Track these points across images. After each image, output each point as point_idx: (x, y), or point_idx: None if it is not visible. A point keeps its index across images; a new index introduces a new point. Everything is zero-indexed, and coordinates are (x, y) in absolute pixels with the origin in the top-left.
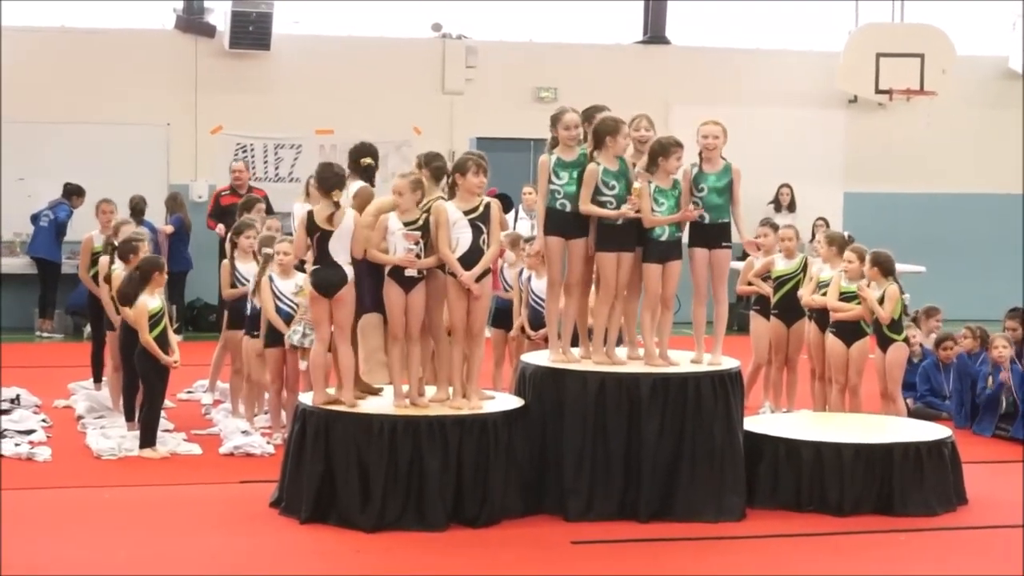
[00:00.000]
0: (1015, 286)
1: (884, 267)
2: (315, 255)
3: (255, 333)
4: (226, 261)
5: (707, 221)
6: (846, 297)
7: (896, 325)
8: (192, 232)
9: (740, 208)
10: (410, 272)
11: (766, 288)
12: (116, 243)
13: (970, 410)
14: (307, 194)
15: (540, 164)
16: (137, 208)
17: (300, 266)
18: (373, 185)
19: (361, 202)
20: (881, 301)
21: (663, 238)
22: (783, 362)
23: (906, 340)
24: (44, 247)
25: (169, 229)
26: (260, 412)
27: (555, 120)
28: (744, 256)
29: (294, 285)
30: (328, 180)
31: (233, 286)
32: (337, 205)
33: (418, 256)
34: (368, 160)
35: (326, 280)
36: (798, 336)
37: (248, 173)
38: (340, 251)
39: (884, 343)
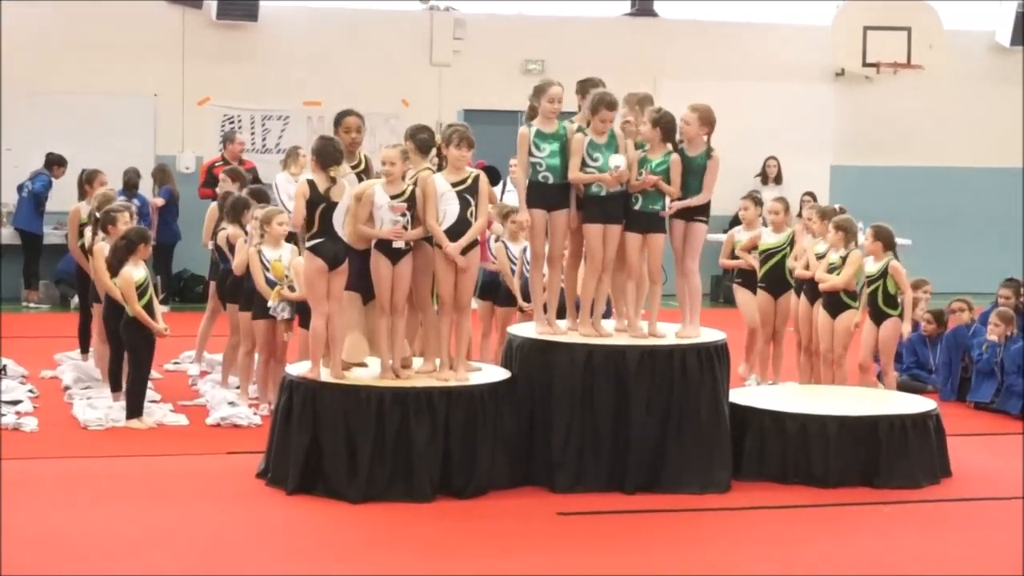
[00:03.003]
0: (1001, 259)
1: (886, 242)
2: (318, 227)
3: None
4: (241, 243)
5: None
6: (831, 269)
7: (892, 299)
8: (180, 203)
9: (703, 195)
10: (397, 244)
11: (752, 261)
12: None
13: (958, 382)
14: (284, 165)
15: (520, 136)
16: (131, 182)
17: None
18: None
19: None
20: (885, 274)
21: (637, 207)
22: (770, 335)
23: (902, 315)
24: (24, 218)
25: (160, 202)
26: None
27: (540, 91)
28: (726, 230)
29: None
30: (329, 155)
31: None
32: (334, 180)
33: (405, 228)
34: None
35: (332, 252)
36: (785, 309)
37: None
38: (339, 224)
39: (879, 317)
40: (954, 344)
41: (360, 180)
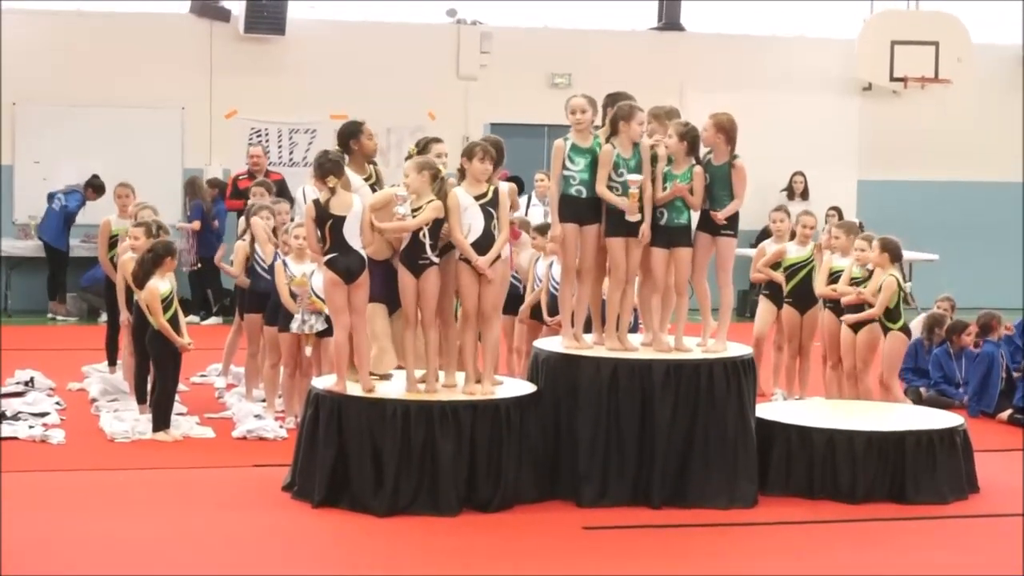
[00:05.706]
0: None
1: (893, 254)
2: (331, 242)
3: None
4: (241, 243)
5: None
6: (855, 284)
7: (893, 313)
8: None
9: (737, 203)
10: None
11: (777, 276)
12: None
13: (996, 395)
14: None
15: (555, 149)
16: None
17: None
18: None
19: None
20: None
21: (662, 222)
22: (796, 349)
23: (904, 329)
24: (51, 233)
25: (196, 226)
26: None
27: (566, 106)
28: (755, 244)
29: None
30: (323, 167)
31: (251, 269)
32: (332, 191)
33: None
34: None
35: (347, 266)
36: (811, 323)
37: (265, 158)
38: (353, 236)
39: (883, 331)
40: (987, 358)
41: (373, 192)
